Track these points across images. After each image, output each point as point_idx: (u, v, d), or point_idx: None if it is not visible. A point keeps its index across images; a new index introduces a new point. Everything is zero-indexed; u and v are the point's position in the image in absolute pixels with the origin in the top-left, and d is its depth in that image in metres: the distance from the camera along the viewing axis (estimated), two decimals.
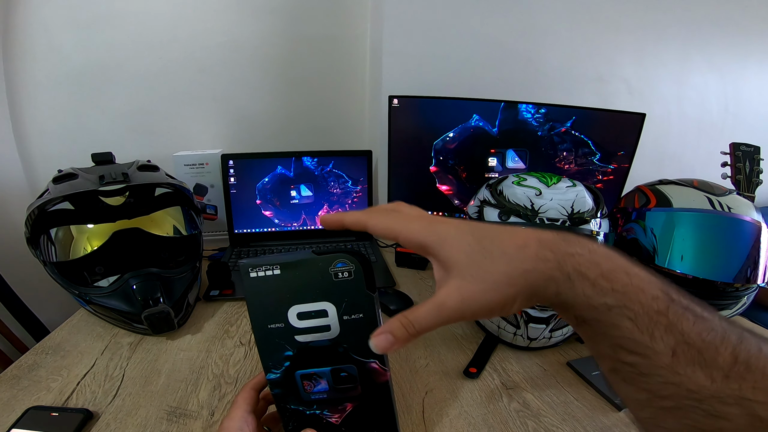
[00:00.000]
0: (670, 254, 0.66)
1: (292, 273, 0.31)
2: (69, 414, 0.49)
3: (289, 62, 1.09)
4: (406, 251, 0.96)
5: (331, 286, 0.31)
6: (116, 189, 0.67)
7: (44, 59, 0.95)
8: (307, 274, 0.31)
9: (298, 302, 0.32)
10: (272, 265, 0.31)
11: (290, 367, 0.35)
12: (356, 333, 0.33)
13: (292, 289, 0.32)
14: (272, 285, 0.31)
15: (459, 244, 0.25)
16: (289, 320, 0.33)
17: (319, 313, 0.32)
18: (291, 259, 0.31)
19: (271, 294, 0.32)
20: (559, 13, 1.09)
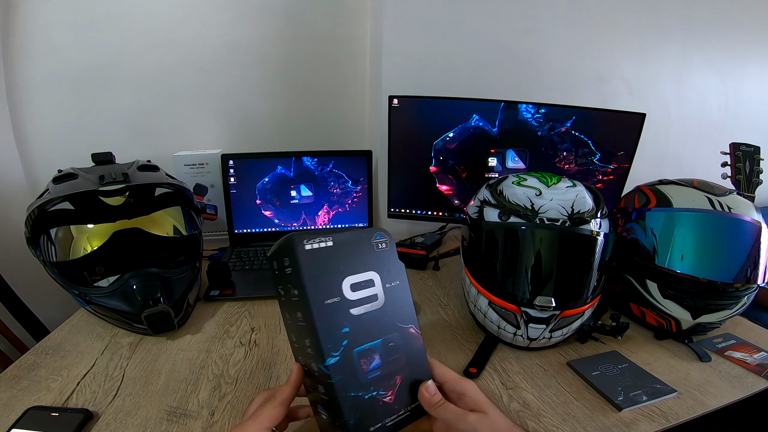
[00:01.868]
0: (670, 254, 0.66)
1: (342, 244, 0.33)
2: (69, 414, 0.49)
3: (289, 62, 1.09)
4: (407, 251, 0.96)
5: (374, 255, 0.35)
6: (116, 189, 0.67)
7: (44, 59, 0.95)
8: (356, 245, 0.34)
9: (351, 273, 0.34)
10: (325, 237, 0.32)
11: (348, 345, 0.35)
12: (396, 300, 0.37)
13: (344, 260, 0.34)
14: (326, 257, 0.32)
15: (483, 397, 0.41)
16: (344, 293, 0.34)
17: (368, 283, 0.35)
18: (342, 231, 0.34)
19: (327, 266, 0.33)
20: (559, 13, 1.09)
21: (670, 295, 0.67)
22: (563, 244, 0.60)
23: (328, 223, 1.07)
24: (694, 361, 0.64)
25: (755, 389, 0.58)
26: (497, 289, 0.63)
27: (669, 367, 0.62)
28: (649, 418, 0.52)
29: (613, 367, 0.60)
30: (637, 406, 0.53)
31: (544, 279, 0.60)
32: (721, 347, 0.67)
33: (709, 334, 0.71)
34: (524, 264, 0.61)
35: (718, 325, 0.68)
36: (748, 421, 0.76)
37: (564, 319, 0.61)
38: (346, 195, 1.06)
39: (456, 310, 0.78)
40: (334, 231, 0.33)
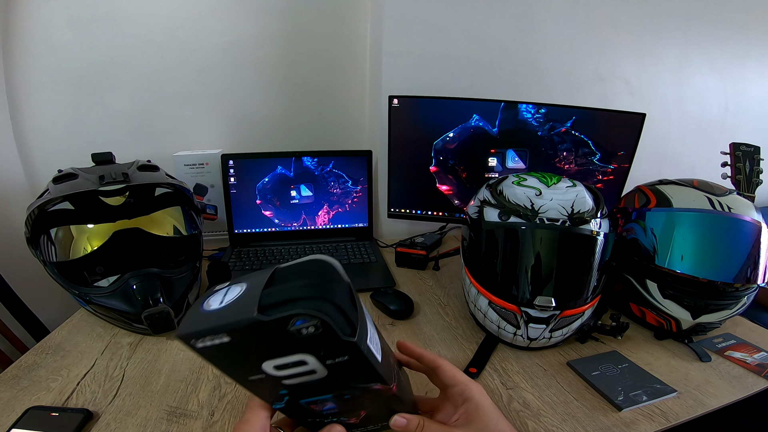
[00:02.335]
0: (670, 254, 0.66)
1: (243, 338, 0.25)
2: (69, 414, 0.49)
3: (289, 62, 1.09)
4: (407, 251, 0.96)
5: (298, 341, 0.25)
6: (116, 189, 0.67)
7: (44, 59, 0.95)
8: (263, 336, 0.25)
9: (268, 358, 0.27)
10: (216, 335, 0.25)
11: (291, 399, 0.32)
12: (347, 371, 0.29)
13: (253, 350, 0.27)
14: (229, 350, 0.26)
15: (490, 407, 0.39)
16: (267, 372, 0.28)
17: (298, 363, 0.27)
18: (235, 322, 0.24)
19: (233, 357, 0.27)
20: (559, 13, 1.09)
21: (670, 295, 0.67)
22: (563, 244, 0.60)
23: (328, 223, 1.07)
24: (694, 361, 0.64)
25: (755, 389, 0.58)
26: (497, 289, 0.63)
27: (669, 367, 0.62)
28: (649, 418, 0.52)
29: (613, 367, 0.61)
30: (637, 406, 0.53)
31: (544, 279, 0.60)
32: (721, 347, 0.67)
33: (709, 334, 0.71)
34: (524, 264, 0.61)
35: (718, 325, 0.68)
36: (748, 421, 0.76)
37: (564, 319, 0.61)
38: (346, 195, 1.06)
39: (456, 310, 0.78)
40: (237, 311, 0.25)
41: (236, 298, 0.26)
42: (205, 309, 0.26)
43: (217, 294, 0.27)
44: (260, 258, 0.95)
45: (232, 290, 0.27)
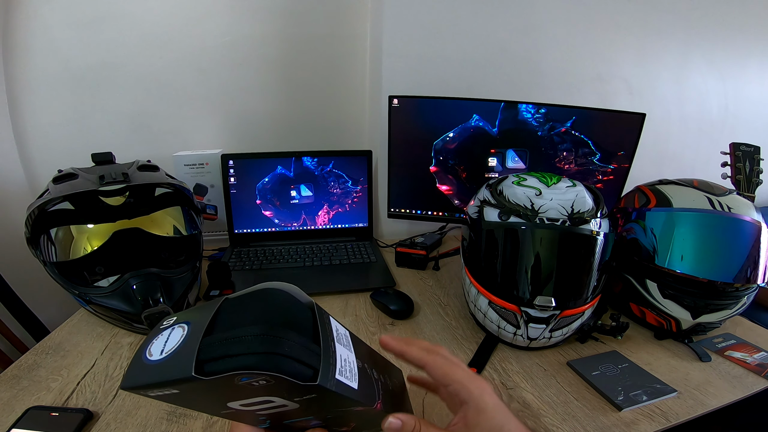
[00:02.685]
0: (670, 254, 0.66)
1: (193, 390, 0.23)
2: (69, 414, 0.49)
3: (289, 62, 1.09)
4: (407, 251, 0.96)
5: (255, 389, 0.23)
6: (116, 189, 0.67)
7: (44, 59, 0.95)
8: (213, 387, 0.22)
9: (230, 401, 0.25)
10: (162, 388, 0.23)
11: (274, 422, 0.31)
12: (320, 403, 0.26)
13: (211, 397, 0.25)
14: (185, 398, 0.25)
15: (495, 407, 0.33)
16: (236, 408, 0.26)
17: (265, 402, 0.25)
18: (174, 380, 0.22)
19: (193, 401, 0.26)
20: (559, 13, 1.09)
21: (670, 295, 0.67)
22: (563, 243, 0.60)
23: (328, 223, 1.07)
24: (694, 361, 0.64)
25: (755, 389, 0.58)
26: (497, 289, 0.63)
27: (669, 367, 0.62)
28: (649, 417, 0.52)
29: (613, 367, 0.61)
30: (637, 405, 0.53)
31: (544, 279, 0.60)
32: (721, 347, 0.67)
33: (709, 334, 0.71)
34: (524, 264, 0.61)
35: (718, 325, 0.68)
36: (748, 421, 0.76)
37: (564, 319, 0.61)
38: (346, 195, 1.06)
39: (456, 310, 0.78)
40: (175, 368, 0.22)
41: (176, 347, 0.23)
42: (147, 359, 0.24)
43: (160, 338, 0.25)
44: (260, 258, 0.95)
45: (174, 334, 0.24)
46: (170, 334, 0.25)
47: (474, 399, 0.32)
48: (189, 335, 0.24)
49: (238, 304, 0.26)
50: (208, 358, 0.22)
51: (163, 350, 0.24)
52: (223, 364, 0.22)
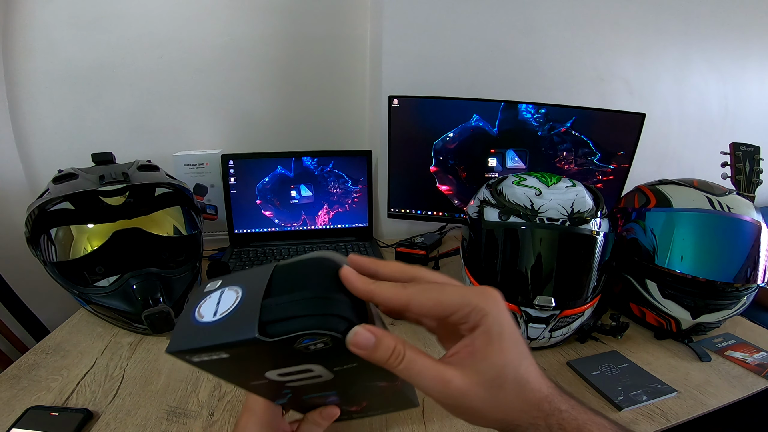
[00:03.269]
0: (670, 254, 0.66)
1: (244, 354, 0.23)
2: (69, 414, 0.49)
3: (289, 62, 1.09)
4: (407, 251, 0.96)
5: (304, 355, 0.23)
6: (116, 189, 0.67)
7: (44, 59, 0.95)
8: (266, 352, 0.23)
9: (271, 369, 0.25)
10: (213, 352, 0.22)
11: (293, 396, 0.31)
12: (354, 374, 0.26)
13: (255, 364, 0.25)
14: (228, 364, 0.24)
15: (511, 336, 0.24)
16: (270, 378, 0.26)
17: (304, 371, 0.25)
18: (235, 342, 0.22)
19: (233, 368, 0.26)
20: (559, 13, 1.09)
21: (670, 294, 0.67)
22: (563, 243, 0.60)
23: (328, 223, 1.07)
24: (694, 360, 0.64)
25: (755, 389, 0.58)
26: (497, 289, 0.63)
27: (669, 366, 0.62)
28: (649, 417, 0.52)
29: (613, 367, 0.61)
30: (637, 405, 0.53)
31: (544, 279, 0.60)
32: (721, 347, 0.67)
33: (709, 334, 0.71)
34: (524, 264, 0.61)
35: (718, 324, 0.68)
36: (748, 421, 0.76)
37: (564, 319, 0.61)
38: (346, 195, 1.06)
39: None
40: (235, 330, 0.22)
41: (233, 309, 0.23)
42: (197, 320, 0.23)
43: (209, 300, 0.24)
44: (260, 258, 0.95)
45: (227, 297, 0.24)
46: (221, 297, 0.24)
47: (488, 321, 0.24)
48: (246, 297, 0.23)
49: (291, 270, 0.25)
50: (270, 320, 0.22)
51: (217, 312, 0.23)
52: (286, 326, 0.21)
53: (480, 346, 0.24)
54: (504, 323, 0.24)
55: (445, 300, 0.24)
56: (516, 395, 0.24)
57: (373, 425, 0.50)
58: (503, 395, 0.24)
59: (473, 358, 0.24)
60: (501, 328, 0.24)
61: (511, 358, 0.24)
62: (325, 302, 0.23)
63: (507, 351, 0.24)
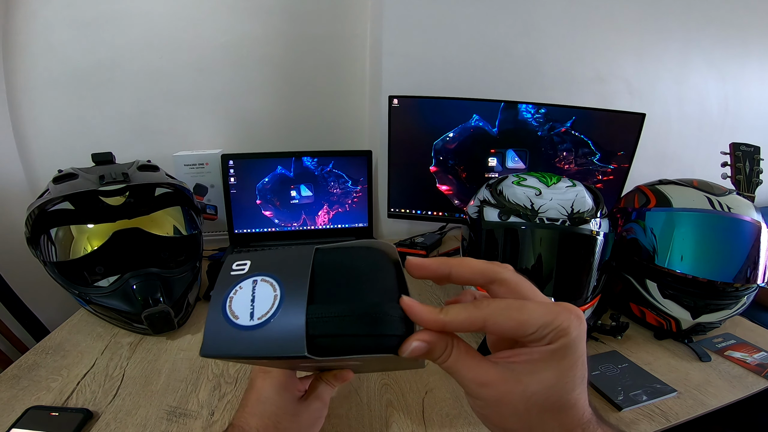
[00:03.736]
0: (670, 254, 0.66)
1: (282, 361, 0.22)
2: (69, 414, 0.49)
3: (289, 62, 1.09)
4: (407, 251, 0.96)
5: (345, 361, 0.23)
6: (116, 189, 0.67)
7: (44, 59, 0.95)
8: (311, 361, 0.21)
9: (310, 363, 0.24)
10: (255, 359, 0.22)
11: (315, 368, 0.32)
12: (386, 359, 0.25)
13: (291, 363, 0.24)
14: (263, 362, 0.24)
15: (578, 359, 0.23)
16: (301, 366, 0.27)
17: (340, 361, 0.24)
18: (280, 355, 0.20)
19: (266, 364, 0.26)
20: (559, 13, 1.09)
21: (670, 294, 0.67)
22: (563, 243, 0.60)
23: (328, 223, 1.07)
24: (694, 360, 0.64)
25: (755, 389, 0.58)
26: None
27: (669, 366, 0.62)
28: (649, 417, 0.52)
29: (613, 367, 0.61)
30: (637, 405, 0.53)
31: (544, 279, 0.60)
32: (721, 347, 0.67)
33: (709, 333, 0.71)
34: (524, 264, 0.61)
35: (718, 324, 0.68)
36: (748, 420, 0.76)
37: None
38: (346, 195, 1.06)
39: None
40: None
41: (273, 313, 0.20)
42: (232, 321, 0.21)
43: (241, 294, 0.22)
44: None
45: (262, 293, 0.21)
46: (255, 291, 0.21)
47: (564, 342, 0.22)
48: (286, 298, 0.21)
49: (335, 263, 0.23)
50: (318, 335, 0.20)
51: (254, 314, 0.21)
52: (337, 344, 0.20)
53: (538, 359, 0.22)
54: (579, 347, 0.22)
55: (526, 320, 0.22)
56: (553, 417, 0.23)
57: (373, 425, 0.50)
58: (539, 413, 0.22)
59: (524, 369, 0.23)
60: (573, 351, 0.22)
61: (565, 381, 0.22)
62: (377, 321, 0.21)
63: (566, 374, 0.22)
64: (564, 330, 0.22)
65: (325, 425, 0.49)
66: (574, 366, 0.22)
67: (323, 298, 0.21)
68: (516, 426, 0.23)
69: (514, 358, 0.23)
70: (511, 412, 0.23)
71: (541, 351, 0.22)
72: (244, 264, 0.23)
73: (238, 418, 0.34)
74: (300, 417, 0.34)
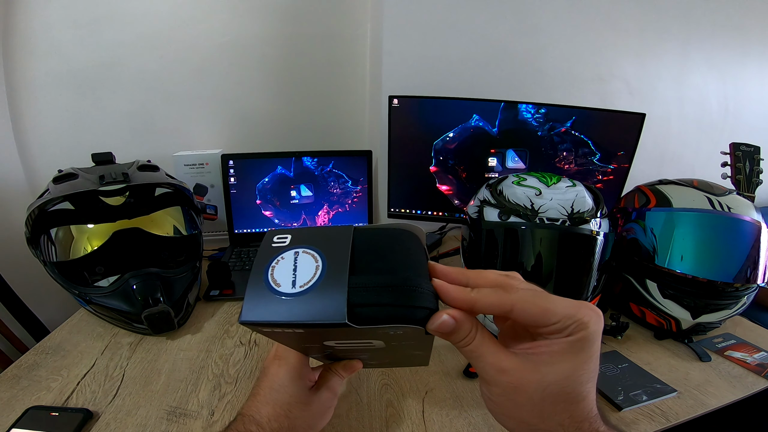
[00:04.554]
0: (670, 254, 0.66)
1: (321, 330, 0.22)
2: (69, 414, 0.49)
3: (289, 62, 1.09)
4: None
5: (378, 335, 0.23)
6: (116, 189, 0.67)
7: (45, 59, 0.95)
8: (345, 332, 0.22)
9: (333, 340, 0.25)
10: (294, 326, 0.21)
11: (329, 354, 0.32)
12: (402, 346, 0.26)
13: (323, 336, 0.24)
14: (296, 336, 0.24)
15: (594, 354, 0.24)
16: (326, 345, 0.26)
17: (364, 343, 0.25)
18: (321, 323, 0.20)
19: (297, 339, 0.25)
20: (560, 13, 1.09)
21: (670, 294, 0.67)
22: (563, 243, 0.60)
23: (329, 223, 1.07)
24: (694, 360, 0.64)
25: (755, 389, 0.58)
26: None
27: (669, 366, 0.62)
28: (649, 417, 0.52)
29: (613, 367, 0.61)
30: (637, 405, 0.53)
31: (544, 279, 0.60)
32: (721, 347, 0.67)
33: (709, 333, 0.71)
34: (524, 264, 0.61)
35: (718, 324, 0.68)
36: (748, 421, 0.76)
37: None
38: (346, 195, 1.06)
39: None
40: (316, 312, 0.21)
41: (315, 282, 0.21)
42: (274, 288, 0.21)
43: (283, 264, 0.22)
44: None
45: (304, 263, 0.22)
46: (297, 261, 0.22)
47: (583, 335, 0.23)
48: (328, 269, 0.22)
49: (373, 241, 0.24)
50: (358, 303, 0.20)
51: (296, 282, 0.21)
52: (375, 313, 0.21)
53: (557, 351, 0.24)
54: (596, 342, 0.24)
55: (551, 309, 0.23)
56: (565, 408, 0.24)
57: (373, 425, 0.50)
58: (553, 403, 0.24)
59: (543, 360, 0.24)
60: (591, 345, 0.24)
61: (580, 373, 0.24)
62: (412, 292, 0.22)
63: (581, 366, 0.24)
64: (584, 323, 0.23)
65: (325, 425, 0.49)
66: (589, 359, 0.24)
67: (362, 270, 0.22)
68: (529, 415, 0.24)
69: (534, 350, 0.24)
70: (526, 400, 0.24)
71: (561, 343, 0.23)
72: (284, 237, 0.24)
73: (248, 408, 0.34)
74: (311, 407, 0.34)
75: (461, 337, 0.24)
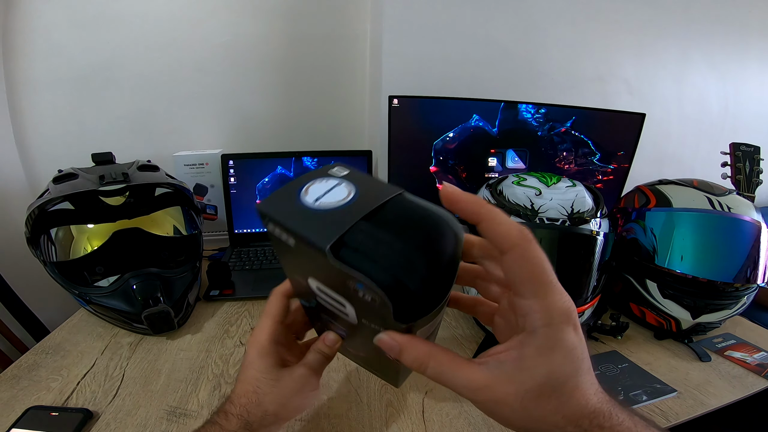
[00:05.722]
0: (670, 254, 0.66)
1: (305, 253, 0.22)
2: (69, 414, 0.49)
3: (289, 62, 1.09)
4: None
5: (349, 292, 0.23)
6: (116, 189, 0.67)
7: (45, 59, 0.95)
8: (323, 265, 0.21)
9: (315, 278, 0.25)
10: (285, 233, 0.22)
11: (317, 309, 0.31)
12: (372, 335, 0.26)
13: (308, 266, 0.25)
14: (287, 251, 0.24)
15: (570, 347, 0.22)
16: (309, 285, 0.27)
17: (338, 302, 0.25)
18: (305, 238, 0.21)
19: (289, 256, 0.26)
20: (560, 13, 1.09)
21: (670, 294, 0.67)
22: (563, 243, 0.60)
23: None
24: (694, 360, 0.64)
25: (755, 389, 0.58)
26: None
27: (669, 366, 0.62)
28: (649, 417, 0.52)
29: (613, 367, 0.61)
30: (637, 405, 0.53)
31: None
32: (721, 347, 0.67)
33: (709, 333, 0.71)
34: None
35: (718, 324, 0.68)
36: (748, 421, 0.76)
37: None
38: None
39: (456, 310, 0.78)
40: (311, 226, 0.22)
41: (331, 208, 0.22)
42: (299, 197, 0.23)
43: (322, 183, 0.24)
44: (260, 258, 0.95)
45: (338, 191, 0.23)
46: (334, 187, 0.23)
47: (545, 332, 0.22)
48: (351, 204, 0.22)
49: (410, 208, 0.23)
50: (349, 244, 0.21)
51: (319, 200, 0.22)
52: (356, 259, 0.20)
53: (529, 354, 0.22)
54: (566, 337, 0.22)
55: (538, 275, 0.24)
56: (554, 409, 0.22)
57: (373, 425, 0.50)
58: (537, 408, 0.22)
59: (515, 366, 0.23)
60: (561, 342, 0.22)
61: (561, 371, 0.22)
62: (407, 264, 0.21)
63: (558, 363, 0.22)
64: (545, 312, 0.22)
65: (324, 425, 0.49)
66: (563, 354, 0.22)
67: (378, 222, 0.22)
68: (521, 422, 0.23)
69: (502, 356, 0.23)
70: (510, 411, 0.23)
71: (527, 342, 0.23)
72: (344, 170, 0.25)
73: (232, 391, 0.36)
74: (281, 383, 0.34)
75: (409, 363, 0.24)
